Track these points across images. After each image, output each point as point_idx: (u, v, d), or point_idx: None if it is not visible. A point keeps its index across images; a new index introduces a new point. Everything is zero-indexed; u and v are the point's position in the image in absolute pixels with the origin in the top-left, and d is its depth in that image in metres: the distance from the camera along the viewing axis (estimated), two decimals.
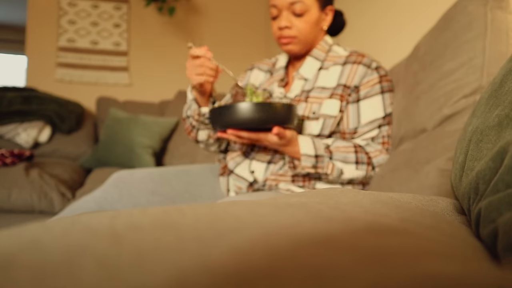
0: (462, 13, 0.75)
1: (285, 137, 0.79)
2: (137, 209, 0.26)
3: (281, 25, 0.90)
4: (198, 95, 0.90)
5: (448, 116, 0.74)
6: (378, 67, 0.91)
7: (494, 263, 0.27)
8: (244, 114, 0.75)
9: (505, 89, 0.37)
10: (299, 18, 0.89)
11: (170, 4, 2.61)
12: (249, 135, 0.79)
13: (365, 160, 0.86)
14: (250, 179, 0.91)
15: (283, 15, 0.90)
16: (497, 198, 0.29)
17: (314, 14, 0.90)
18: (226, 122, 0.78)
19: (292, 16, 0.89)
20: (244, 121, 0.76)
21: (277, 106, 0.76)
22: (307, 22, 0.90)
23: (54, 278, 0.15)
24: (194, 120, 0.94)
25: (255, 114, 0.75)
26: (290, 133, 0.80)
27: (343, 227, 0.23)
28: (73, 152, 2.08)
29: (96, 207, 0.86)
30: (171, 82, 2.68)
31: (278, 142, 0.80)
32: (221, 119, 0.78)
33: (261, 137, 0.80)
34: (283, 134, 0.78)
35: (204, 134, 0.97)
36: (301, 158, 0.82)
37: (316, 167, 0.83)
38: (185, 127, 1.01)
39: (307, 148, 0.82)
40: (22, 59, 5.14)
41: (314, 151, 0.83)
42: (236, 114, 0.76)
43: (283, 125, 0.78)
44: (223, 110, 0.78)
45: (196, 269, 0.16)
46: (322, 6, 0.92)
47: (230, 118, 0.77)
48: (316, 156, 0.83)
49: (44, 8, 2.48)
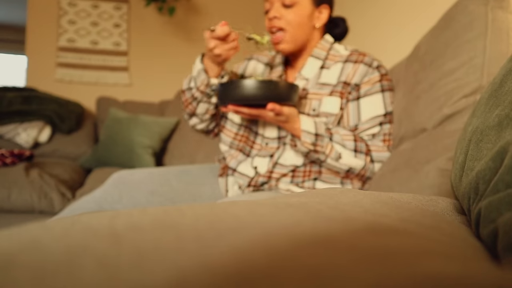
0: (463, 13, 0.75)
1: (282, 113, 0.80)
2: (137, 209, 0.26)
3: (270, 16, 0.91)
4: (212, 64, 0.89)
5: (449, 115, 0.74)
6: (379, 66, 0.91)
7: (494, 263, 0.27)
8: (243, 90, 0.79)
9: (505, 89, 0.37)
10: (289, 9, 0.90)
11: (170, 4, 2.61)
12: (249, 111, 0.81)
13: (364, 150, 0.86)
14: (252, 174, 0.91)
15: (273, 7, 0.91)
16: (497, 198, 0.29)
17: (305, 8, 0.90)
18: (229, 98, 0.82)
19: (282, 8, 0.90)
20: (242, 97, 0.80)
21: (275, 83, 0.80)
22: (296, 14, 0.90)
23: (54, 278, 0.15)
24: (198, 91, 0.93)
25: (253, 91, 0.79)
26: (288, 110, 0.81)
27: (343, 227, 0.23)
28: (73, 152, 2.08)
29: (96, 207, 0.86)
30: (171, 82, 2.68)
31: (275, 118, 0.82)
32: (224, 94, 0.82)
33: (261, 113, 0.82)
34: (279, 110, 0.79)
35: (203, 108, 0.97)
36: (301, 134, 0.83)
37: (316, 145, 0.84)
38: (183, 99, 1.00)
39: (308, 125, 0.84)
40: (22, 59, 5.14)
41: (315, 129, 0.84)
42: (236, 91, 0.80)
43: (281, 102, 0.81)
44: (225, 86, 0.82)
45: (196, 269, 0.16)
46: (316, 3, 0.92)
47: (231, 94, 0.81)
48: (316, 135, 0.84)
49: (44, 8, 2.48)
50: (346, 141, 0.85)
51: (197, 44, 2.77)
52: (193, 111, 0.99)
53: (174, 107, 2.28)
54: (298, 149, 0.86)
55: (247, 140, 0.97)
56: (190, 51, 2.74)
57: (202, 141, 1.96)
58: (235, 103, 0.81)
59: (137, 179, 0.92)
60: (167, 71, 2.69)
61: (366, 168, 0.87)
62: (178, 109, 2.24)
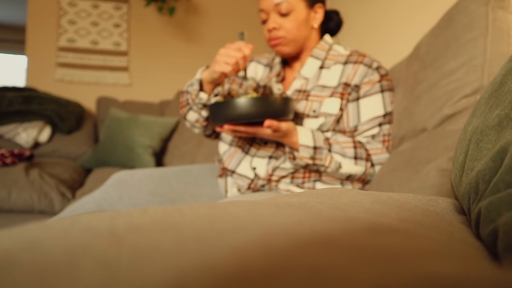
0: (464, 13, 0.75)
1: (280, 129, 0.80)
2: (137, 209, 0.26)
3: (269, 27, 0.91)
4: (208, 80, 0.90)
5: (449, 115, 0.74)
6: (379, 67, 0.91)
7: (494, 263, 0.27)
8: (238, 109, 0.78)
9: (505, 89, 0.37)
10: (286, 18, 0.90)
11: (170, 4, 2.61)
12: (246, 129, 0.80)
13: (364, 156, 0.86)
14: (252, 176, 0.91)
15: (270, 18, 0.91)
16: (497, 198, 0.29)
17: (301, 12, 0.90)
18: (223, 118, 0.80)
19: (279, 17, 0.90)
20: (239, 116, 0.78)
21: (271, 100, 0.78)
22: (294, 21, 0.90)
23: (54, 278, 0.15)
24: (190, 98, 0.94)
25: (249, 109, 0.77)
26: (286, 125, 0.80)
27: (343, 227, 0.23)
28: (73, 152, 2.08)
29: (96, 208, 0.86)
30: (171, 82, 2.68)
31: (273, 135, 0.81)
32: (217, 115, 0.81)
33: (258, 131, 0.81)
34: (276, 127, 0.78)
35: (193, 116, 0.97)
36: (299, 149, 0.83)
37: (314, 158, 0.83)
38: (181, 100, 1.01)
39: (306, 139, 0.83)
40: (22, 59, 5.14)
41: (313, 142, 0.84)
42: (231, 110, 0.78)
43: (278, 118, 0.79)
44: (219, 107, 0.80)
45: (196, 269, 0.16)
46: (310, 4, 0.92)
47: (226, 114, 0.79)
48: (315, 148, 0.83)
49: (44, 8, 2.48)
50: (346, 149, 0.85)
51: (197, 44, 2.77)
52: (185, 115, 1.00)
53: (174, 107, 2.28)
54: (297, 163, 0.85)
55: (246, 137, 0.97)
56: (190, 51, 2.74)
57: (202, 141, 1.96)
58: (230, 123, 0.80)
59: (137, 180, 0.92)
60: (167, 71, 2.69)
61: (367, 173, 0.87)
62: (178, 109, 2.24)
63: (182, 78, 2.69)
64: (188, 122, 1.01)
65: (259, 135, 0.83)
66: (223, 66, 0.83)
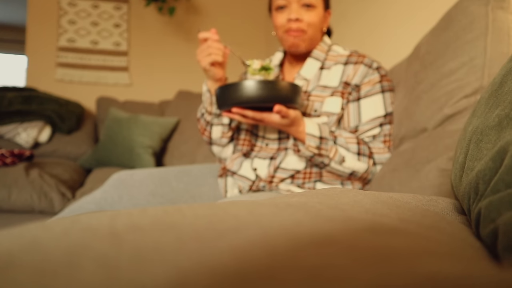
0: (463, 13, 0.75)
1: (288, 116, 0.78)
2: (137, 209, 0.26)
3: (292, 17, 0.87)
4: (211, 82, 0.91)
5: (449, 115, 0.74)
6: (379, 67, 0.92)
7: (494, 263, 0.27)
8: (247, 91, 0.75)
9: (505, 89, 0.37)
10: (310, 12, 0.88)
11: (170, 4, 2.61)
12: (253, 114, 0.79)
13: (367, 153, 0.86)
14: (253, 177, 0.91)
15: (292, 7, 0.88)
16: (497, 198, 0.29)
17: (321, 12, 0.91)
18: (230, 101, 0.77)
19: (302, 10, 0.88)
20: (247, 99, 0.75)
21: (281, 84, 0.76)
22: (316, 16, 0.89)
23: (54, 278, 0.15)
24: (207, 114, 0.93)
25: (258, 91, 0.74)
26: (294, 113, 0.79)
27: (343, 227, 0.23)
28: (73, 152, 2.08)
29: (95, 208, 0.86)
30: (171, 82, 2.68)
31: (281, 122, 0.79)
32: (225, 98, 0.78)
33: (265, 117, 0.79)
34: (286, 112, 0.77)
35: (218, 131, 0.97)
36: (306, 137, 0.81)
37: (320, 148, 0.82)
38: (199, 127, 1.01)
39: (312, 128, 0.82)
40: (22, 59, 5.14)
41: (319, 132, 0.83)
42: (239, 92, 0.76)
43: (286, 104, 0.77)
44: (227, 89, 0.77)
45: (196, 269, 0.16)
46: (326, 7, 0.93)
47: (234, 96, 0.76)
48: (321, 138, 0.82)
49: (44, 8, 2.48)
50: (350, 144, 0.85)
51: (197, 44, 2.76)
52: (209, 137, 0.99)
53: (174, 107, 2.28)
54: (302, 153, 0.84)
55: (249, 144, 0.97)
56: (190, 51, 2.74)
57: (202, 141, 1.96)
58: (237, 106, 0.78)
59: (137, 180, 0.92)
60: (167, 71, 2.69)
61: (369, 171, 0.87)
62: (178, 109, 2.24)
63: (182, 78, 2.69)
64: (215, 145, 1.01)
65: (265, 122, 0.80)
66: (206, 59, 0.85)
